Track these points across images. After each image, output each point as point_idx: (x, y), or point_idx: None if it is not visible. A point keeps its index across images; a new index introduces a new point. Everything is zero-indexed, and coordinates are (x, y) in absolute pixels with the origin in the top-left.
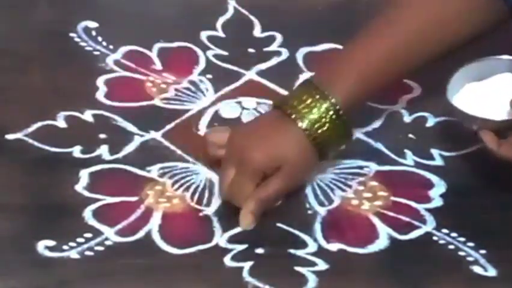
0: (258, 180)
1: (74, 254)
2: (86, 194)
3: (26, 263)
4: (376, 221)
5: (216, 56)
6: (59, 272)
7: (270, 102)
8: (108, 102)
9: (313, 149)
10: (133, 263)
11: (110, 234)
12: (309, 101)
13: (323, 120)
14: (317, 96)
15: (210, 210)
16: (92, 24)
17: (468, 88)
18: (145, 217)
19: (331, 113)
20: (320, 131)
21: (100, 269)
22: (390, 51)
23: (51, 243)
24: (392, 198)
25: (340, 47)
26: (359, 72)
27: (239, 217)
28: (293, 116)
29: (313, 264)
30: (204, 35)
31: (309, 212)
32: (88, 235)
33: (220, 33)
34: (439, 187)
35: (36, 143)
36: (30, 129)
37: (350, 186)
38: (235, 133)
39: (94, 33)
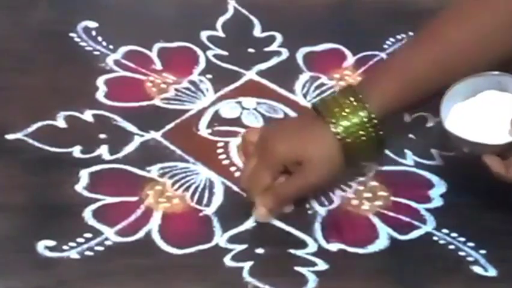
0: (276, 173)
1: (74, 254)
2: (86, 194)
3: (26, 263)
4: (376, 221)
5: (216, 56)
6: (59, 272)
7: (270, 102)
8: (108, 102)
9: (341, 154)
10: (133, 263)
11: (110, 234)
12: (346, 108)
13: (357, 127)
14: (355, 104)
15: (210, 210)
16: (92, 24)
17: (456, 109)
18: (145, 217)
19: (366, 122)
20: (351, 138)
21: (100, 269)
22: (432, 61)
23: (51, 243)
24: (392, 198)
25: (340, 47)
26: (398, 81)
27: (254, 210)
28: (328, 120)
29: (314, 264)
30: (204, 35)
31: (309, 212)
32: (88, 235)
33: (220, 33)
34: (439, 187)
35: (36, 143)
36: (30, 129)
37: (350, 186)
38: (265, 128)
39: (94, 33)
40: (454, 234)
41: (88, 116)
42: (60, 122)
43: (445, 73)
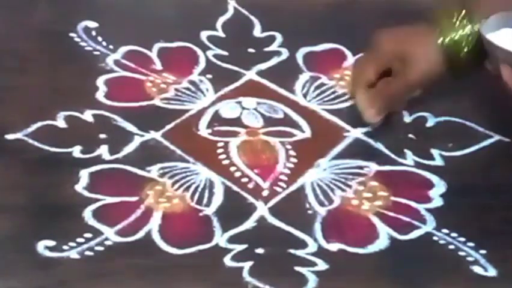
0: (380, 69)
1: (74, 254)
2: (86, 194)
3: (26, 263)
4: (376, 221)
5: (216, 56)
6: (59, 272)
7: (270, 102)
8: (108, 102)
9: (442, 62)
10: (133, 263)
11: (110, 234)
12: (454, 19)
13: (464, 41)
14: (462, 16)
15: (210, 210)
16: (92, 24)
17: (504, 32)
18: (145, 217)
19: (469, 35)
20: (454, 48)
21: (100, 269)
22: None
23: (51, 243)
24: (392, 198)
25: (340, 47)
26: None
27: (363, 111)
28: (436, 31)
29: (314, 264)
30: (204, 35)
31: (309, 212)
32: (88, 235)
33: (220, 33)
34: (439, 187)
35: (36, 143)
36: (30, 129)
37: (350, 186)
38: (377, 37)
39: (94, 33)
40: (454, 234)
41: (88, 116)
42: (60, 122)
43: None
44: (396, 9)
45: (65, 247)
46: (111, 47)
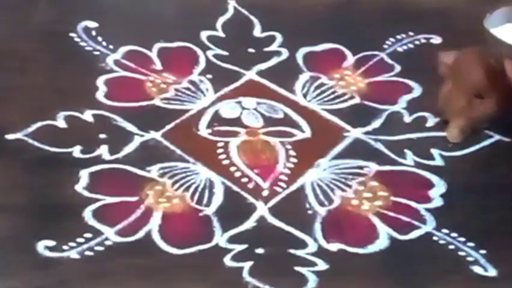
0: (471, 97)
1: (74, 254)
2: (86, 194)
3: (26, 263)
4: (376, 221)
5: (216, 56)
6: (59, 272)
7: (270, 102)
8: (108, 102)
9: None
10: (133, 263)
11: (110, 234)
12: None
13: None
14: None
15: (210, 210)
16: (92, 24)
17: (509, 26)
18: (145, 217)
19: None
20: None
21: (100, 269)
22: None
23: (51, 243)
24: (392, 198)
25: (340, 47)
26: None
27: (447, 130)
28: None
29: (313, 264)
30: (204, 35)
31: (309, 212)
32: (88, 235)
33: (220, 33)
34: (439, 187)
35: (36, 143)
36: (30, 129)
37: (350, 186)
38: (459, 54)
39: (94, 33)
40: (454, 234)
41: (88, 116)
42: (60, 122)
43: None
44: (396, 9)
45: (65, 247)
46: (111, 47)
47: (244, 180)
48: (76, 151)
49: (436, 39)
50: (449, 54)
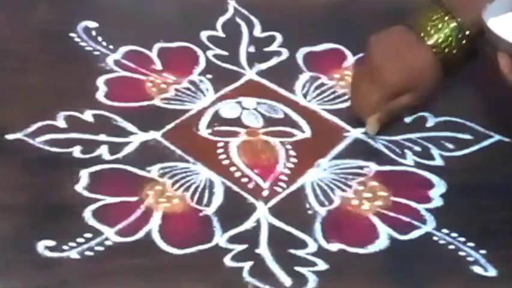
0: (389, 99)
1: (74, 254)
2: (86, 194)
3: (26, 263)
4: (376, 221)
5: (216, 56)
6: (59, 272)
7: (270, 102)
8: (108, 102)
9: (440, 67)
10: (133, 263)
11: (110, 234)
12: (437, 21)
13: (450, 39)
14: (446, 18)
15: (210, 210)
16: (92, 24)
17: (508, 16)
18: (145, 217)
19: (457, 33)
20: (446, 50)
21: (100, 269)
22: None
23: (51, 243)
24: (392, 198)
25: (340, 47)
26: None
27: (366, 123)
28: (422, 34)
29: (313, 264)
30: (204, 35)
31: (309, 212)
32: (88, 235)
33: (220, 33)
34: (439, 187)
35: (36, 143)
36: (30, 129)
37: (350, 186)
38: (373, 50)
39: (94, 33)
40: (454, 234)
41: (88, 116)
42: (60, 122)
43: None
44: (396, 9)
45: (65, 247)
46: (111, 47)
47: (244, 180)
48: (76, 151)
49: None
50: (378, 38)
